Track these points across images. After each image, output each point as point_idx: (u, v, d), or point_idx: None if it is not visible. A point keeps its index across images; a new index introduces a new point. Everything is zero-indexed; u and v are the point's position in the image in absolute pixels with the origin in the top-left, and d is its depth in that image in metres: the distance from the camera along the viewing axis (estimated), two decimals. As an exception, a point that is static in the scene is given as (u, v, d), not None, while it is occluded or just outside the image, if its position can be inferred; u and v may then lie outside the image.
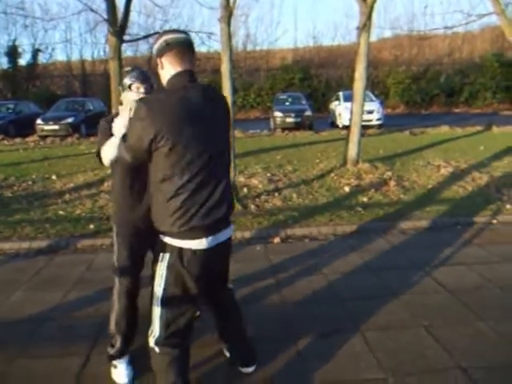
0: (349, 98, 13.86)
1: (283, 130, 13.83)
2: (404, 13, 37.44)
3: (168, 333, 1.85)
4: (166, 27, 25.35)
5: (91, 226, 4.84)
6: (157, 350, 1.88)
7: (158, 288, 1.84)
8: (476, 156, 7.90)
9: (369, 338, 2.59)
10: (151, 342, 1.89)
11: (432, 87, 22.21)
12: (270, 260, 3.89)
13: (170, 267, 1.80)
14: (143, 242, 2.28)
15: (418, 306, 2.95)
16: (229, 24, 4.96)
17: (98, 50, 27.71)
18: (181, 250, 1.77)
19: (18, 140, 13.43)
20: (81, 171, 7.40)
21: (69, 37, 26.76)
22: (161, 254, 1.82)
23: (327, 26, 50.44)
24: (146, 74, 2.21)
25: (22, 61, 25.08)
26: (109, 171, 7.17)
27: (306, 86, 22.55)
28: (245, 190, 5.95)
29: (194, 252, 1.78)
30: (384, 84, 22.92)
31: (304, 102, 15.77)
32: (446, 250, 3.93)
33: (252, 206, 5.31)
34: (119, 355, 2.33)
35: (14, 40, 24.96)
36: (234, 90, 20.44)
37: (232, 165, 5.34)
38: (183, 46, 1.78)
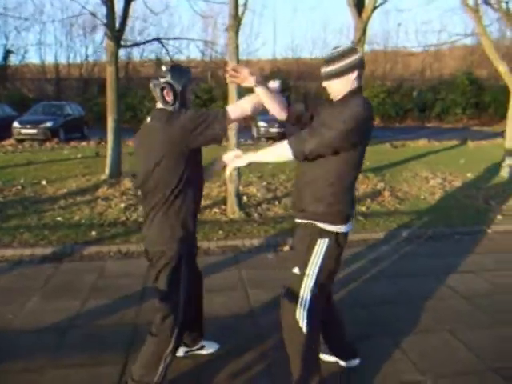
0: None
1: (267, 139, 13.97)
2: (380, 30, 38.62)
3: (315, 310, 2.00)
4: (145, 33, 25.23)
5: (93, 233, 4.75)
6: (302, 323, 1.98)
7: (314, 266, 2.00)
8: (459, 168, 8.26)
9: (399, 341, 2.69)
10: (298, 315, 1.98)
11: (406, 102, 22.99)
12: (286, 268, 3.93)
13: (327, 250, 2.00)
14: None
15: (437, 311, 3.08)
16: (237, 33, 5.03)
17: (74, 54, 27.02)
18: (338, 234, 2.00)
19: (-7, 143, 12.95)
20: (71, 176, 7.23)
21: (43, 39, 26.08)
22: (319, 240, 1.99)
23: (305, 39, 51.43)
24: None
25: (-7, 61, 24.28)
26: (102, 177, 7.15)
27: (285, 98, 22.83)
28: (245, 198, 5.99)
29: (344, 235, 2.05)
30: (360, 97, 23.54)
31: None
32: (450, 259, 4.11)
33: (255, 215, 5.35)
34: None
35: (-15, 40, 24.09)
36: (213, 100, 20.21)
37: (236, 172, 5.40)
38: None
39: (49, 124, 13.77)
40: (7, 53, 24.89)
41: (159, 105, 2.08)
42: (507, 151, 7.79)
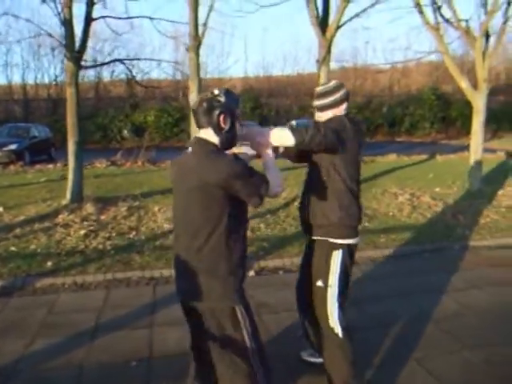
0: (303, 125, 14.37)
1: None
2: (349, 47, 39.64)
3: (342, 313, 2.23)
4: (116, 53, 25.04)
5: (49, 264, 4.47)
6: (337, 329, 2.20)
7: (333, 277, 2.21)
8: (427, 183, 8.33)
9: (365, 374, 2.55)
10: (332, 323, 2.20)
11: (376, 117, 23.48)
12: (251, 297, 3.76)
13: (343, 261, 2.22)
14: None
15: (405, 336, 2.97)
16: (197, 54, 4.94)
17: (42, 74, 26.52)
18: (349, 245, 2.24)
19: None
20: (31, 202, 6.89)
21: (9, 60, 25.51)
22: (334, 252, 2.20)
23: (276, 57, 52.27)
24: None
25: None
26: (63, 201, 6.86)
27: (257, 115, 22.97)
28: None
29: (355, 246, 2.30)
30: (332, 113, 23.88)
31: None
32: (419, 278, 4.03)
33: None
34: None
35: None
36: (184, 118, 19.94)
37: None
38: None
39: (13, 147, 13.29)
40: (-28, 74, 24.26)
41: (206, 133, 1.79)
42: (472, 164, 7.93)
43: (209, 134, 1.78)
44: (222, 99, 1.75)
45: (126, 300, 3.65)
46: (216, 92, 1.77)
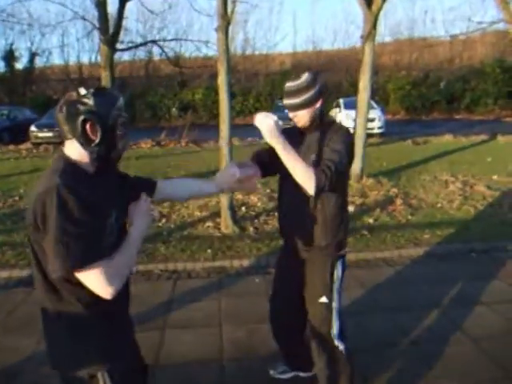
0: (349, 106, 13.62)
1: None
2: (405, 18, 37.15)
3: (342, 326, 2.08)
4: (164, 33, 25.14)
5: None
6: (341, 346, 2.05)
7: (335, 291, 2.05)
8: (484, 169, 7.58)
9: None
10: (336, 341, 2.04)
11: (432, 93, 21.93)
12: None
13: (343, 269, 2.08)
14: None
15: (441, 359, 2.62)
16: (226, 34, 4.64)
17: (96, 54, 27.27)
18: (344, 255, 2.10)
19: (11, 147, 13.11)
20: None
21: (66, 41, 26.44)
22: (336, 264, 2.04)
23: (326, 31, 50.26)
24: None
25: (19, 65, 24.89)
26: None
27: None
28: (243, 209, 5.62)
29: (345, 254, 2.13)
30: (384, 90, 22.62)
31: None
32: (461, 285, 3.59)
33: (251, 229, 4.97)
34: None
35: (11, 44, 24.71)
36: (232, 96, 20.05)
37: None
38: None
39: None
40: (33, 55, 25.44)
41: (70, 146, 1.34)
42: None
43: (72, 148, 1.34)
44: (90, 102, 1.30)
45: (143, 297, 3.55)
46: (82, 92, 1.32)
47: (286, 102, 1.93)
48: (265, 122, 1.76)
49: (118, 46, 6.57)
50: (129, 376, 1.47)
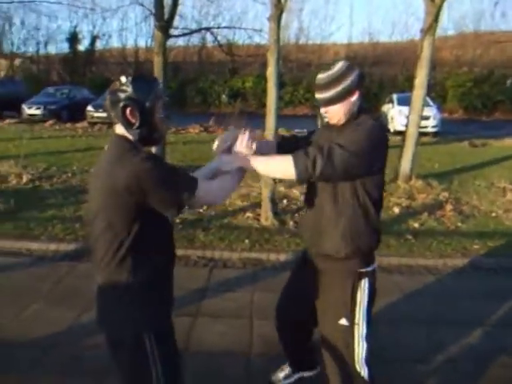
0: (403, 101, 13.06)
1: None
2: (471, 10, 34.99)
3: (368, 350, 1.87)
4: (219, 20, 25.26)
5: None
6: (364, 372, 1.84)
7: (361, 312, 1.83)
8: (547, 179, 7.03)
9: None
10: (359, 366, 1.84)
11: (496, 92, 20.58)
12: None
13: (370, 290, 1.83)
14: None
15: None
16: (279, 23, 4.55)
17: (152, 39, 27.94)
18: (374, 272, 1.85)
19: (68, 125, 13.77)
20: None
21: (125, 25, 27.26)
22: (361, 282, 1.81)
23: (384, 23, 48.45)
24: None
25: (81, 47, 26.07)
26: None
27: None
28: (284, 201, 5.56)
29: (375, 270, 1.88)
30: (442, 86, 21.51)
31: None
32: (509, 303, 3.36)
33: (290, 223, 4.91)
34: None
35: (75, 27, 25.97)
36: (282, 85, 19.76)
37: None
38: None
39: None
40: (94, 38, 26.55)
41: (119, 128, 1.52)
42: None
43: (122, 130, 1.51)
44: (129, 89, 1.45)
45: (179, 280, 3.58)
46: (123, 80, 1.48)
47: (317, 95, 1.75)
48: (237, 159, 1.69)
49: (172, 31, 6.61)
50: (170, 339, 1.61)
